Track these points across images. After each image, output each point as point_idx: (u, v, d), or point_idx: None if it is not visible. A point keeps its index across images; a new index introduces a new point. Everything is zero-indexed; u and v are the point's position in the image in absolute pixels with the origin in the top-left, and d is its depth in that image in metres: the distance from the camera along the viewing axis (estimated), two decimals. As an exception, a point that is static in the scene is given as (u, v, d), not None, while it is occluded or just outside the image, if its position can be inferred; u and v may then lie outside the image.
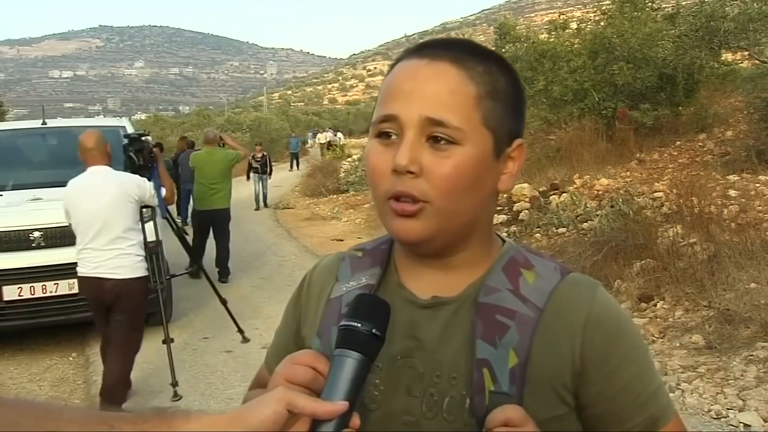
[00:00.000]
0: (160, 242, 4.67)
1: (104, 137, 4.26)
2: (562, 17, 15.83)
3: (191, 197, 9.37)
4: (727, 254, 5.45)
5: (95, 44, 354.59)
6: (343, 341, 0.78)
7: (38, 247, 5.54)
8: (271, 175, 16.02)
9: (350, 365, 0.76)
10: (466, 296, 0.90)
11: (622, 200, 7.19)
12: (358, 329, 0.78)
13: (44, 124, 7.24)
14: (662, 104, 12.32)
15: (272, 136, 34.04)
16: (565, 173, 10.80)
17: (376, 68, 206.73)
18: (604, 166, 11.03)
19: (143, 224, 4.27)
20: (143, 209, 4.29)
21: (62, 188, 4.28)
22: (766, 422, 3.68)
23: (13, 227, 5.52)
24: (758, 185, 7.99)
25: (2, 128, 7.80)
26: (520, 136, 0.92)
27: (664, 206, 7.40)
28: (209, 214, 8.00)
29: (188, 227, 9.35)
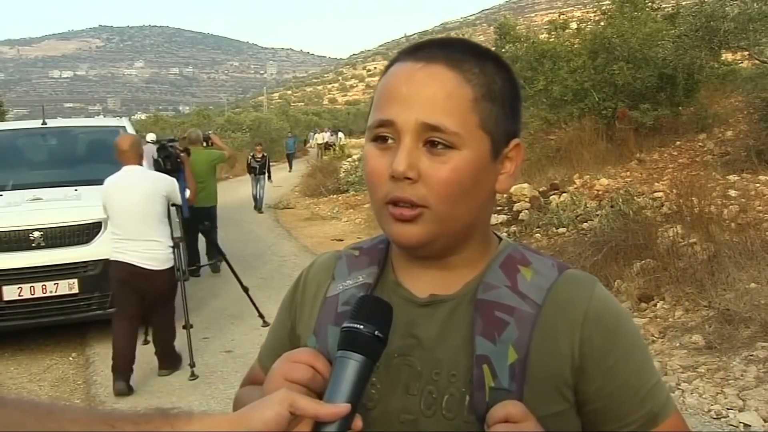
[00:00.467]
0: (182, 238, 5.22)
1: (138, 140, 4.87)
2: (562, 17, 15.85)
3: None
4: (727, 254, 5.45)
5: (95, 44, 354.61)
6: (345, 343, 0.78)
7: (38, 247, 5.53)
8: (270, 178, 15.68)
9: (353, 367, 0.76)
10: (464, 294, 0.90)
11: (622, 200, 7.19)
12: (360, 331, 0.78)
13: (44, 124, 7.24)
14: (662, 104, 12.32)
15: (272, 136, 34.00)
16: (565, 173, 10.80)
17: (376, 68, 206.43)
18: (604, 166, 11.03)
19: (170, 220, 4.79)
20: (172, 206, 4.81)
21: (61, 188, 4.38)
22: (766, 422, 3.68)
23: (13, 227, 5.51)
24: (758, 185, 7.99)
25: (2, 128, 7.80)
26: (517, 135, 0.92)
27: (664, 206, 7.40)
28: (195, 212, 8.09)
29: None
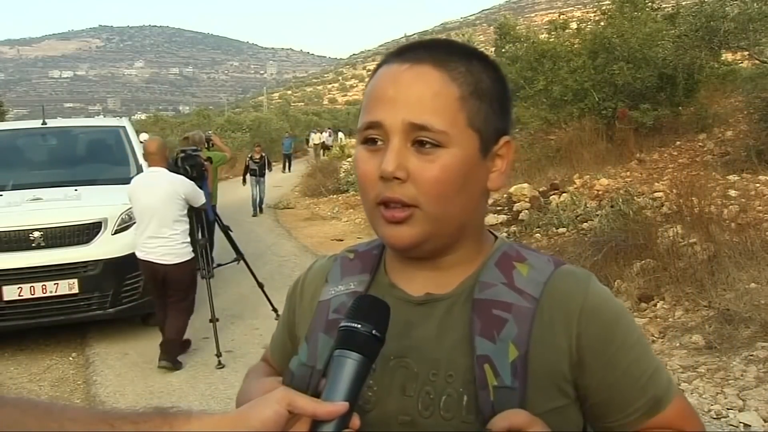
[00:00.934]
0: (208, 239, 5.71)
1: (164, 144, 5.36)
2: (562, 17, 15.86)
3: None
4: (727, 254, 5.45)
5: (95, 44, 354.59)
6: (343, 342, 0.78)
7: (38, 247, 5.53)
8: (270, 168, 15.19)
9: (350, 366, 0.76)
10: (459, 292, 0.90)
11: (622, 200, 7.20)
12: (358, 330, 0.78)
13: (44, 124, 7.25)
14: (662, 104, 12.32)
15: (272, 136, 34.01)
16: (565, 173, 10.80)
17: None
18: (604, 166, 11.03)
19: (195, 222, 5.26)
20: (196, 210, 5.23)
21: (61, 188, 4.43)
22: (766, 422, 3.68)
23: (13, 227, 5.52)
24: (758, 185, 7.98)
25: (2, 128, 7.80)
26: (507, 133, 0.92)
27: (664, 206, 7.40)
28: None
29: None
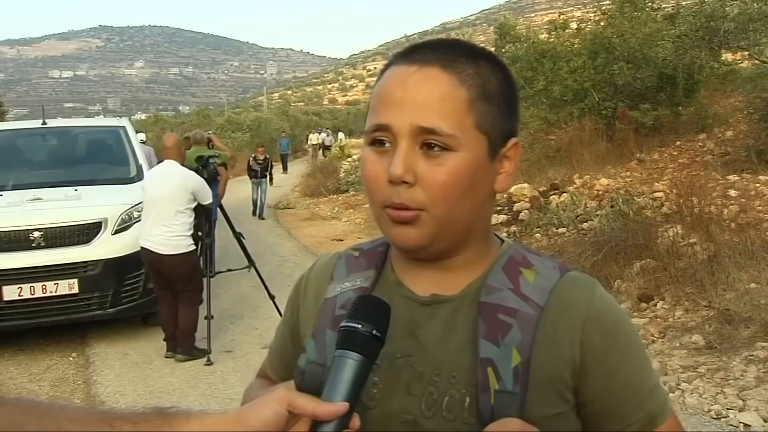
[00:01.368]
0: (213, 240, 5.88)
1: (180, 140, 5.49)
2: (562, 17, 15.85)
3: None
4: (727, 254, 5.45)
5: (95, 44, 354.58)
6: (343, 342, 0.78)
7: (38, 247, 5.53)
8: (272, 181, 15.33)
9: (350, 366, 0.76)
10: (465, 295, 0.90)
11: (622, 200, 7.20)
12: (358, 330, 0.78)
13: (44, 124, 7.24)
14: (662, 104, 12.31)
15: (272, 136, 33.98)
16: (565, 173, 10.80)
17: (376, 68, 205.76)
18: (604, 166, 11.02)
19: (203, 221, 5.44)
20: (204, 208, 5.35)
21: (61, 188, 4.57)
22: (766, 422, 3.68)
23: (13, 227, 5.52)
24: (758, 185, 7.98)
25: (2, 128, 7.80)
26: (514, 134, 0.91)
27: (664, 206, 7.40)
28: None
29: None
